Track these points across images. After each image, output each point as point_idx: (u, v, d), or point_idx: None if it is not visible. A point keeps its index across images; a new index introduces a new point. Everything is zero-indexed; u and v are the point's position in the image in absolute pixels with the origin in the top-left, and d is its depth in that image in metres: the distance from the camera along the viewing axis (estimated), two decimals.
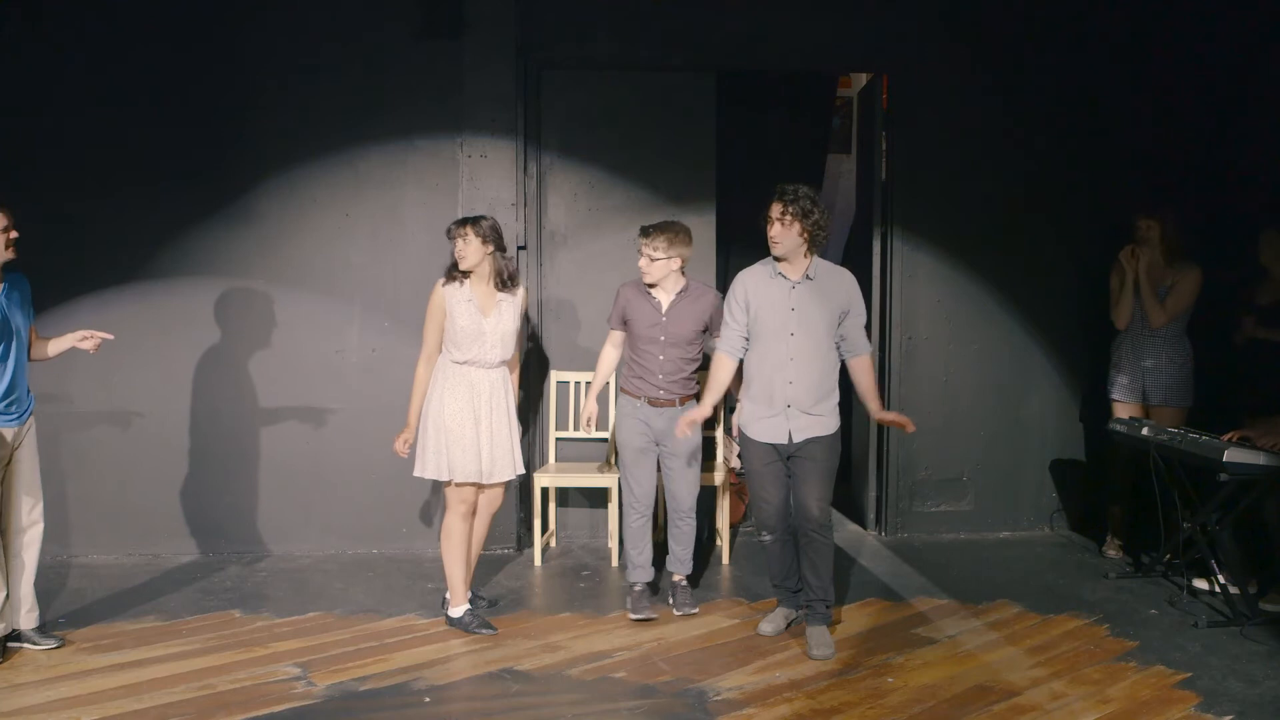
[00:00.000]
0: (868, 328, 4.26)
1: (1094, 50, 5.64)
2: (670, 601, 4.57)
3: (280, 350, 5.33)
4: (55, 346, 4.12)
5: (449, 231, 4.23)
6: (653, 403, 4.47)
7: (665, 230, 4.40)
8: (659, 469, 4.58)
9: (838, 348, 4.09)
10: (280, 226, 5.32)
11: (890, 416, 4.19)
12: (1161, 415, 5.01)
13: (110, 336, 4.13)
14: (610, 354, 4.64)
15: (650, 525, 4.58)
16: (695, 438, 4.50)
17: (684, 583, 4.63)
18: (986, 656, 4.04)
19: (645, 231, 4.43)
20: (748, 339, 4.13)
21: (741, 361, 4.18)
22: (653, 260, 4.39)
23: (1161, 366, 5.05)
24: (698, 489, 4.59)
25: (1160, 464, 4.63)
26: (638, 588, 4.53)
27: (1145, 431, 4.76)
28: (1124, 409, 5.14)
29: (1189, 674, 3.85)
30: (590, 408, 4.63)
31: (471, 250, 4.17)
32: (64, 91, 5.16)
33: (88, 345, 4.08)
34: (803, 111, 7.33)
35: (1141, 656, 4.02)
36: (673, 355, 4.44)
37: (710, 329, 4.49)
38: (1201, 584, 4.69)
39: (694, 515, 4.60)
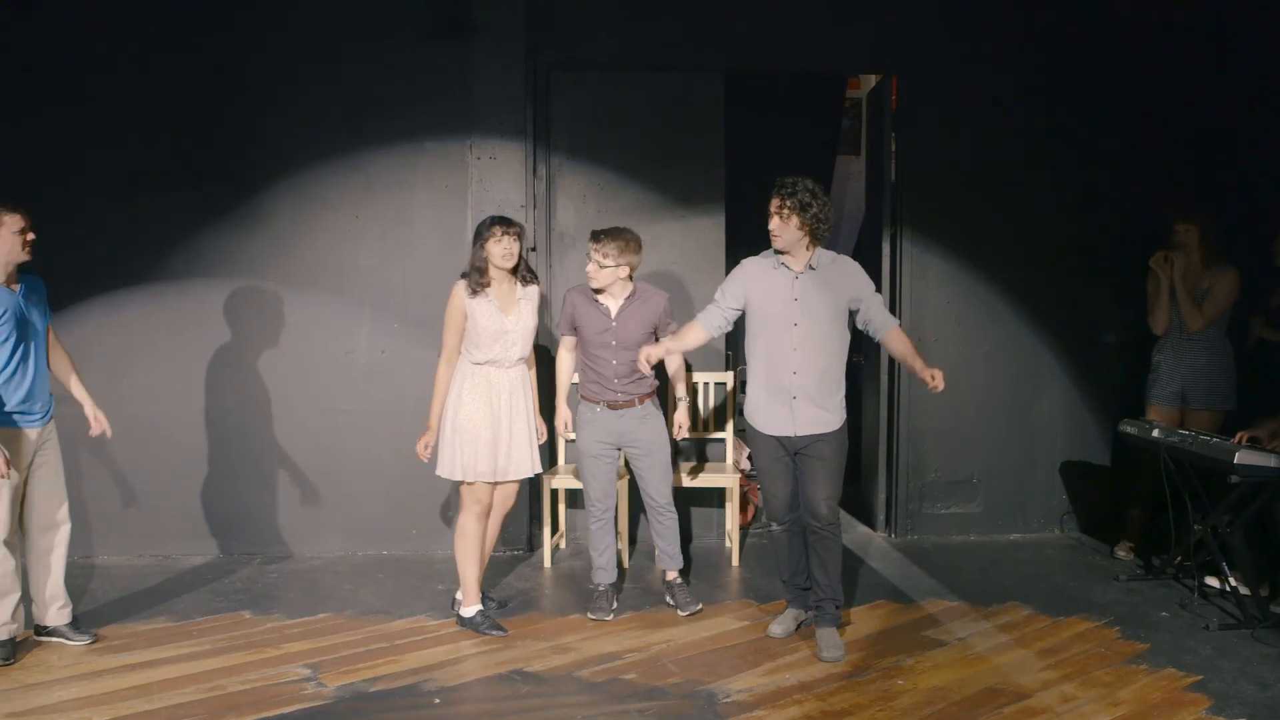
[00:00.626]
0: None
1: (1104, 51, 5.62)
2: (671, 602, 4.57)
3: (290, 351, 5.35)
4: (74, 386, 4.22)
5: (487, 230, 4.18)
6: (612, 406, 4.47)
7: (617, 237, 4.38)
8: (630, 472, 4.57)
9: (865, 329, 4.08)
10: (291, 228, 5.35)
11: (934, 371, 3.93)
12: (1200, 418, 4.96)
13: (110, 435, 4.23)
14: (566, 359, 4.65)
15: (611, 528, 4.59)
16: (660, 435, 4.51)
17: (679, 580, 4.61)
18: (997, 659, 4.03)
19: (596, 236, 4.41)
20: (728, 322, 4.15)
21: (731, 362, 4.16)
22: (601, 266, 4.38)
23: (1201, 369, 5.01)
24: (670, 482, 4.59)
25: (1171, 466, 4.61)
26: (601, 588, 4.55)
27: (1156, 434, 4.74)
28: (1158, 413, 5.08)
29: (1200, 677, 3.84)
30: (564, 414, 4.65)
31: (517, 250, 4.21)
32: (76, 95, 5.18)
33: (91, 425, 4.20)
34: (812, 113, 7.33)
35: (1152, 659, 4.01)
36: (625, 359, 4.42)
37: (659, 331, 4.49)
38: (1213, 581, 4.67)
39: (672, 509, 4.59)
